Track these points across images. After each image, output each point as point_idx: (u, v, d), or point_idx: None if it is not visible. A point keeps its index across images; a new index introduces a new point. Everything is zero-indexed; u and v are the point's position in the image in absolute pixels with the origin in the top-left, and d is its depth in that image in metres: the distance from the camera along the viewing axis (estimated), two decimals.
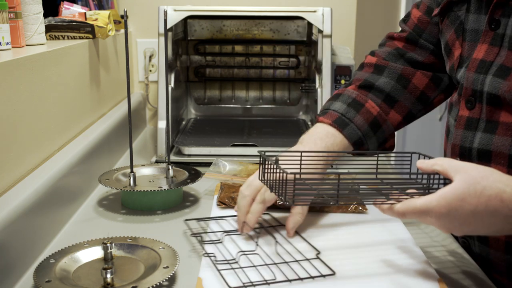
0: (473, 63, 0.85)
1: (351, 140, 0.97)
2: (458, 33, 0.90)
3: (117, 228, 0.94)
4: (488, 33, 0.84)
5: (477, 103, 0.84)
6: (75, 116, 1.13)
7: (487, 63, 0.83)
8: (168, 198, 1.03)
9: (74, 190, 1.01)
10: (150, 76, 1.70)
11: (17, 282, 0.75)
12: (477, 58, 0.85)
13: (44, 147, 0.97)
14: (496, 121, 0.81)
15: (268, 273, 0.74)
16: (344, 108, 0.99)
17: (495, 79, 0.80)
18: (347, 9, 1.68)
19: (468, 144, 0.85)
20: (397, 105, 1.01)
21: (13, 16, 0.98)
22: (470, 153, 0.84)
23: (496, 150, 0.81)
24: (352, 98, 1.00)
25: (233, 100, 1.68)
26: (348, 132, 0.97)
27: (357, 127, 0.98)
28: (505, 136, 0.80)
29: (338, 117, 0.98)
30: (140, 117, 1.64)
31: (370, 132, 0.99)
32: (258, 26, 1.61)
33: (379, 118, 1.00)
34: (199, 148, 1.29)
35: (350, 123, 0.97)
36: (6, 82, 0.82)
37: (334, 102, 1.01)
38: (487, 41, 0.84)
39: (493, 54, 0.82)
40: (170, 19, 1.28)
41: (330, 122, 0.97)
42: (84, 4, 1.45)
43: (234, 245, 0.84)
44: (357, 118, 0.98)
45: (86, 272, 0.75)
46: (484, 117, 0.83)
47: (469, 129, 0.85)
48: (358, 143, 0.98)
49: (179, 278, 0.76)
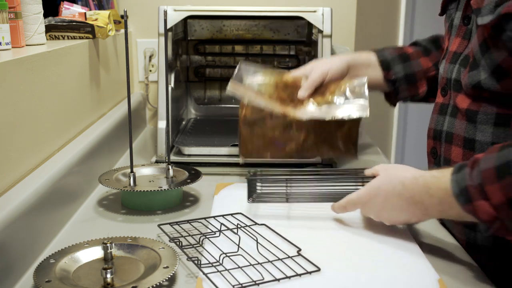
0: (449, 55, 0.96)
1: (380, 58, 1.18)
2: (449, 29, 0.99)
3: (117, 228, 0.94)
4: (461, 28, 0.93)
5: (448, 90, 0.94)
6: (75, 116, 1.13)
7: (457, 54, 0.93)
8: (168, 198, 1.03)
9: (74, 190, 1.01)
10: (150, 76, 1.70)
11: (17, 282, 0.75)
12: (451, 50, 0.95)
13: (44, 147, 0.97)
14: (457, 106, 0.91)
15: (254, 273, 0.74)
16: (383, 48, 1.22)
17: (459, 68, 0.91)
18: (347, 9, 1.68)
19: (439, 127, 0.96)
20: (432, 54, 1.17)
21: (13, 16, 0.98)
22: (440, 135, 0.95)
23: (455, 133, 0.91)
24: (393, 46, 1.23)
25: (233, 100, 1.68)
26: (379, 52, 1.19)
27: (388, 53, 1.19)
28: (462, 120, 0.90)
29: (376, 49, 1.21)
30: (140, 117, 1.64)
31: (397, 59, 1.17)
32: (258, 26, 1.61)
33: (410, 55, 1.18)
34: (199, 148, 1.29)
35: (383, 50, 1.21)
36: (6, 82, 0.82)
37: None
38: (460, 35, 0.93)
39: (463, 46, 0.92)
40: (170, 19, 1.28)
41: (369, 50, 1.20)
42: (84, 4, 1.45)
43: (214, 248, 0.83)
44: (391, 50, 1.20)
45: (86, 272, 0.75)
46: (452, 103, 0.93)
47: (441, 114, 0.96)
48: (385, 63, 1.18)
49: (179, 278, 0.76)
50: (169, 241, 0.84)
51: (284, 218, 0.96)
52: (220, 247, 0.82)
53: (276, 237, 0.87)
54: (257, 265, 0.76)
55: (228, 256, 0.78)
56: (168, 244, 0.81)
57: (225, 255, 0.78)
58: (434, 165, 0.98)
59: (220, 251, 0.81)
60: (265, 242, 0.84)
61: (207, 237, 0.85)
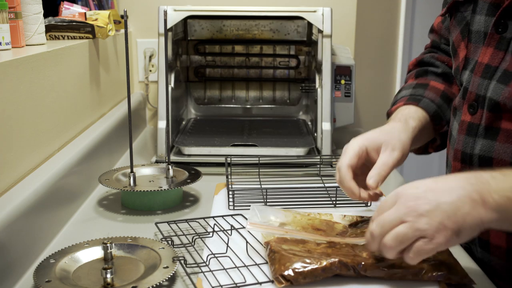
0: (479, 68, 0.84)
1: (429, 111, 0.96)
2: (463, 34, 0.89)
3: (117, 228, 0.94)
4: (493, 36, 0.82)
5: (479, 108, 0.83)
6: (75, 116, 1.13)
7: (492, 68, 0.81)
8: (168, 198, 1.03)
9: (74, 190, 1.01)
10: (150, 76, 1.70)
11: (17, 282, 0.75)
12: (483, 62, 0.83)
13: (44, 147, 0.97)
14: (497, 128, 0.80)
15: (238, 275, 0.73)
16: (410, 91, 1.00)
17: (498, 85, 0.79)
18: (347, 9, 1.68)
19: (469, 150, 0.84)
20: (455, 81, 0.99)
21: (13, 16, 0.98)
22: (471, 159, 0.84)
23: (497, 157, 0.80)
24: (414, 84, 1.01)
25: (233, 100, 1.68)
26: (423, 104, 0.97)
27: (431, 100, 0.97)
28: (506, 143, 0.79)
29: (408, 97, 0.98)
30: (140, 117, 1.64)
31: (443, 104, 0.98)
32: (258, 26, 1.61)
33: (448, 92, 1.00)
34: (199, 148, 1.29)
35: (422, 98, 0.97)
36: (6, 82, 0.82)
37: (399, 93, 1.03)
38: (493, 45, 0.82)
39: (498, 59, 0.81)
40: (170, 19, 1.28)
41: (403, 103, 0.97)
42: (84, 4, 1.45)
43: (205, 248, 0.82)
44: (427, 93, 0.99)
45: (86, 272, 0.75)
46: (484, 123, 0.82)
47: (470, 135, 0.84)
48: (436, 116, 0.97)
49: (179, 278, 0.76)
50: (161, 240, 0.83)
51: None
52: (211, 248, 0.82)
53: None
54: (242, 268, 0.75)
55: (216, 257, 0.78)
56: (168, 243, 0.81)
57: (213, 255, 0.78)
58: None
59: (209, 251, 0.80)
60: (258, 244, 0.83)
61: (200, 237, 0.85)
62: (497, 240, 0.83)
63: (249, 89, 1.68)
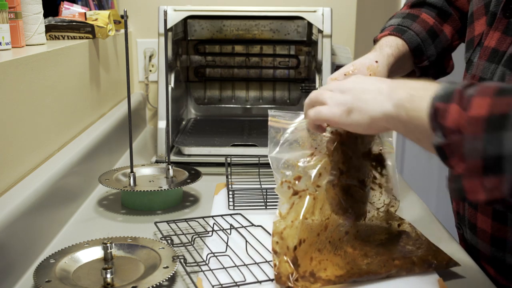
0: (485, 51, 0.82)
1: (412, 45, 0.96)
2: (487, 10, 0.85)
3: (117, 228, 0.94)
4: (501, 21, 0.80)
5: None
6: (75, 116, 1.13)
7: (500, 53, 0.80)
8: (168, 198, 1.03)
9: (74, 190, 1.01)
10: (150, 76, 1.70)
11: (17, 282, 0.75)
12: (489, 46, 0.82)
13: (44, 147, 0.97)
14: None
15: (238, 274, 0.73)
16: (399, 21, 1.00)
17: (504, 71, 0.78)
18: (347, 9, 1.68)
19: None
20: (450, 18, 1.01)
21: (13, 16, 0.98)
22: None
23: None
24: (406, 13, 1.02)
25: (233, 100, 1.68)
26: (407, 37, 0.97)
27: (416, 33, 0.97)
28: None
29: (395, 27, 0.99)
30: (140, 117, 1.64)
31: (428, 39, 0.98)
32: (258, 26, 1.61)
33: (436, 28, 1.00)
34: (199, 148, 1.29)
35: (408, 30, 0.98)
36: (6, 82, 0.82)
37: (389, 21, 1.03)
38: (500, 29, 0.81)
39: (506, 43, 0.79)
40: (170, 19, 1.28)
41: (388, 33, 0.98)
42: (84, 4, 1.45)
43: (205, 247, 0.82)
44: (414, 25, 0.98)
45: (86, 272, 0.75)
46: None
47: None
48: (418, 50, 0.97)
49: (179, 277, 0.76)
50: (160, 239, 0.83)
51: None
52: (210, 247, 0.82)
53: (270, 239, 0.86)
54: (242, 267, 0.76)
55: (216, 256, 0.78)
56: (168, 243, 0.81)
57: (212, 254, 0.78)
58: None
59: (209, 250, 0.80)
60: (257, 243, 0.83)
61: (199, 236, 0.85)
62: (483, 224, 0.85)
63: (249, 89, 1.68)
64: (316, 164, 0.80)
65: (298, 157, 0.82)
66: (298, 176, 0.80)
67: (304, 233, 0.75)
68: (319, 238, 0.76)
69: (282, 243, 0.73)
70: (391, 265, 0.75)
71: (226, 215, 0.94)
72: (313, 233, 0.76)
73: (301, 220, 0.75)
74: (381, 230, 0.85)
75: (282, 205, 0.78)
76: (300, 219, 0.75)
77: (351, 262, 0.75)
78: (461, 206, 0.92)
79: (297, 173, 0.80)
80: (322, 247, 0.76)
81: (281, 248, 0.73)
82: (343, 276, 0.72)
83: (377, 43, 0.98)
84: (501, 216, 0.82)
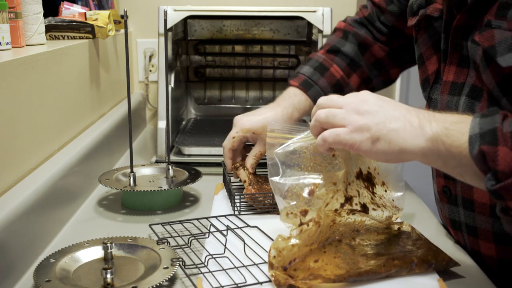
0: (445, 86, 0.84)
1: (314, 100, 1.04)
2: (437, 49, 0.89)
3: (117, 228, 0.94)
4: (454, 55, 0.83)
5: None
6: (75, 116, 1.13)
7: (459, 85, 0.82)
8: (168, 198, 1.03)
9: (74, 190, 1.01)
10: (150, 76, 1.70)
11: (17, 282, 0.75)
12: (448, 80, 0.84)
13: (44, 147, 0.97)
14: None
15: (238, 276, 0.73)
16: (310, 72, 1.12)
17: (469, 100, 0.80)
18: (347, 9, 1.68)
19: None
20: (359, 69, 1.13)
21: (13, 16, 0.98)
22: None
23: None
24: (319, 62, 1.13)
25: (233, 100, 1.68)
26: (312, 92, 1.09)
27: (321, 89, 1.10)
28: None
29: (304, 79, 1.11)
30: (140, 117, 1.64)
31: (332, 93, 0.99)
32: (258, 26, 1.61)
33: (342, 82, 1.11)
34: (199, 148, 1.29)
35: (314, 85, 1.10)
36: (6, 82, 0.82)
37: (304, 66, 1.14)
38: (455, 63, 0.83)
39: (463, 75, 0.81)
40: (170, 19, 1.28)
41: (297, 85, 1.10)
42: (84, 4, 1.45)
43: (202, 249, 0.82)
44: (321, 81, 1.10)
45: (86, 272, 0.75)
46: None
47: None
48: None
49: (179, 278, 0.76)
50: (157, 242, 0.81)
51: (279, 222, 0.94)
52: (208, 249, 0.82)
53: (267, 240, 0.86)
54: (241, 268, 0.75)
55: (214, 258, 0.77)
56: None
57: (210, 256, 0.77)
58: (448, 203, 0.88)
59: (207, 252, 0.80)
60: (254, 244, 0.83)
61: (196, 238, 0.85)
62: (482, 198, 0.82)
63: (249, 89, 1.68)
64: (321, 194, 0.81)
65: (301, 185, 0.82)
66: (304, 210, 0.80)
67: (300, 252, 0.75)
68: (315, 251, 0.77)
69: (279, 259, 0.73)
70: (391, 265, 0.75)
71: (220, 216, 0.94)
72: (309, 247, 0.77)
73: (302, 248, 0.75)
74: (381, 230, 0.85)
75: (290, 230, 0.78)
76: (300, 247, 0.75)
77: (351, 262, 0.75)
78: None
79: (304, 206, 0.81)
80: (319, 256, 0.76)
81: (278, 263, 0.73)
82: (343, 275, 0.72)
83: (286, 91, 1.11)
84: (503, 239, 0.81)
